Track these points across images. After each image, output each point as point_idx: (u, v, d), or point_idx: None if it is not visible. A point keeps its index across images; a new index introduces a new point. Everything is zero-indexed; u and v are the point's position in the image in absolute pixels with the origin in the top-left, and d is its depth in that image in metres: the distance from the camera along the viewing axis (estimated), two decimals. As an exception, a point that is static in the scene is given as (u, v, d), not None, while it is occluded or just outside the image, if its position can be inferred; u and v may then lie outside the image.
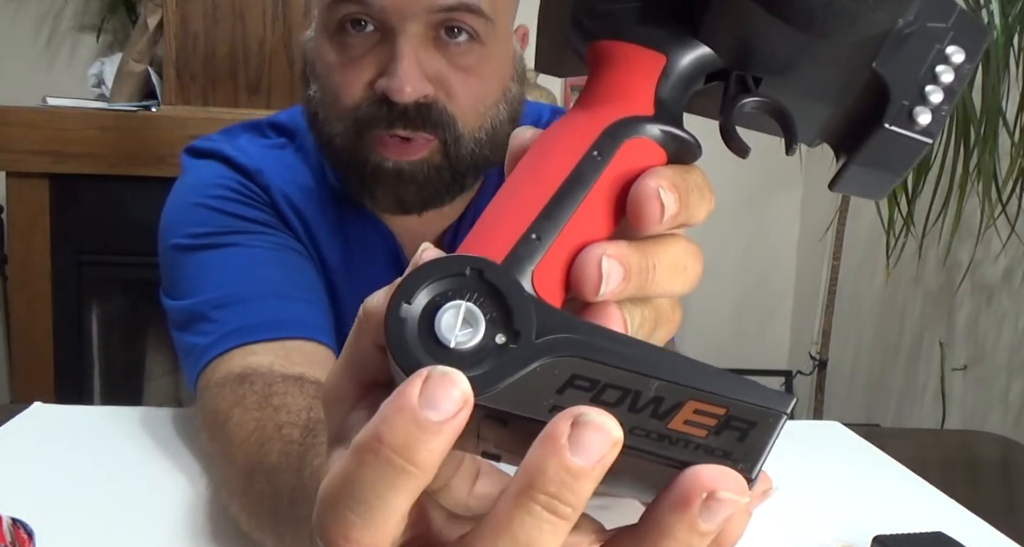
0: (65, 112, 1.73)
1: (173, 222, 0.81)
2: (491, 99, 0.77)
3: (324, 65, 0.76)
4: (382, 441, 0.22)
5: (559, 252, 0.26)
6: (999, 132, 1.66)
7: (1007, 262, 1.87)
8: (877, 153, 0.30)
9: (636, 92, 0.28)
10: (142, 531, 0.63)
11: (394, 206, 0.78)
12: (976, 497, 0.76)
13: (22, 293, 1.75)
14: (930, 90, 0.30)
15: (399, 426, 0.22)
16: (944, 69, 0.30)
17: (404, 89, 0.70)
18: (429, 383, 0.22)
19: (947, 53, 0.30)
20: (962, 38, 0.30)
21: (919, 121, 0.30)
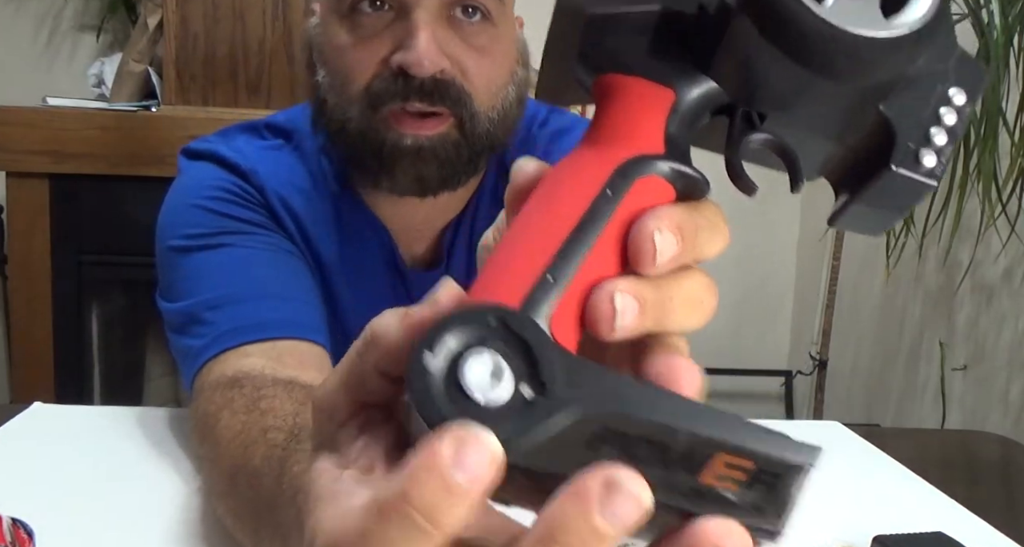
0: (65, 112, 1.73)
1: (168, 224, 0.81)
2: (502, 80, 0.77)
3: (335, 48, 0.75)
4: (409, 502, 0.22)
5: (575, 294, 0.25)
6: (999, 132, 1.66)
7: (1007, 262, 1.87)
8: (882, 193, 0.30)
9: (646, 129, 0.28)
10: (142, 531, 0.63)
11: (413, 185, 0.77)
12: (976, 497, 0.76)
13: (22, 293, 1.75)
14: (934, 132, 0.30)
15: (428, 487, 0.22)
16: (947, 111, 0.30)
17: (423, 62, 0.70)
18: (459, 443, 0.22)
19: (949, 95, 0.30)
20: (962, 79, 0.30)
21: (924, 163, 0.29)
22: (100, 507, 0.65)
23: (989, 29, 1.65)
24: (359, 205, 0.84)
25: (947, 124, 0.30)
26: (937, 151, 0.30)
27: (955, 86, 0.30)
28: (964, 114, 0.30)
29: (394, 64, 0.72)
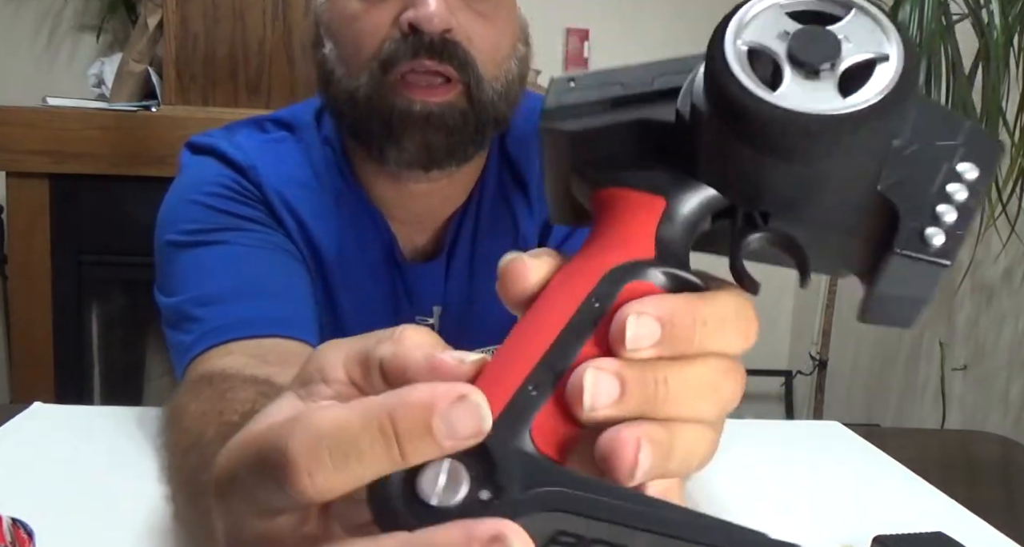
0: (65, 112, 1.73)
1: (167, 218, 0.82)
2: (505, 50, 0.78)
3: (344, 17, 0.76)
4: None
5: (560, 401, 0.26)
6: (999, 132, 1.66)
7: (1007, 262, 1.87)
8: (894, 280, 0.29)
9: (636, 236, 0.28)
10: (142, 531, 0.63)
11: (421, 154, 0.76)
12: (976, 497, 0.76)
13: (22, 293, 1.75)
14: (943, 210, 0.29)
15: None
16: (957, 187, 0.29)
17: (432, 18, 0.71)
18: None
19: (959, 170, 0.29)
20: (974, 153, 0.29)
21: (932, 243, 0.28)
22: (100, 507, 0.65)
23: (989, 29, 1.65)
24: (360, 197, 0.84)
25: (957, 201, 0.29)
26: (947, 229, 0.28)
27: (965, 161, 0.29)
28: (978, 190, 0.29)
29: (404, 22, 0.72)
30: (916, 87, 0.28)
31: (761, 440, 0.87)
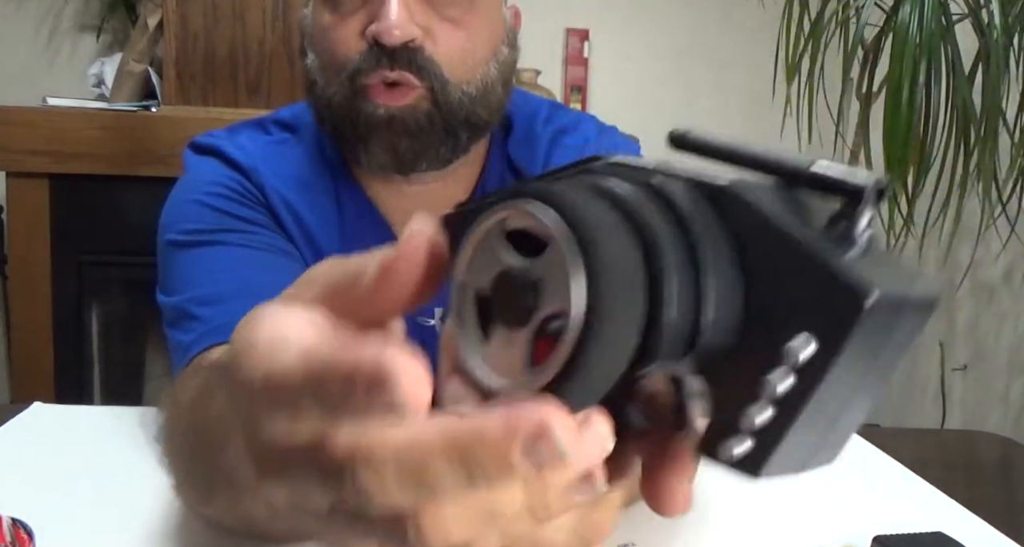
0: (65, 112, 1.73)
1: (169, 218, 0.83)
2: (479, 54, 0.78)
3: (320, 29, 0.77)
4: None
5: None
6: (999, 132, 1.66)
7: (1007, 262, 1.87)
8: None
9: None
10: (142, 531, 0.63)
11: (389, 158, 0.78)
12: (976, 497, 0.76)
13: (22, 293, 1.75)
14: (752, 410, 0.23)
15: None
16: (779, 374, 0.23)
17: (392, 30, 0.72)
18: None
19: (788, 349, 0.22)
20: (816, 317, 0.22)
21: (733, 453, 0.24)
22: (100, 507, 0.65)
23: (989, 29, 1.65)
24: (361, 198, 0.84)
25: (776, 393, 0.23)
26: (756, 434, 0.23)
27: (801, 331, 0.22)
28: (819, 363, 0.22)
29: (369, 35, 0.74)
30: (608, 338, 0.22)
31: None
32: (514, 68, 0.83)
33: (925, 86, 1.67)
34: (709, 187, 0.24)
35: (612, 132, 0.91)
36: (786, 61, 1.85)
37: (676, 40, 2.37)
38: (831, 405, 0.23)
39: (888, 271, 0.22)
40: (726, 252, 0.24)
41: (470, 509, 0.23)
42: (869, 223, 0.23)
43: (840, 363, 0.22)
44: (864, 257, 0.23)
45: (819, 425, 0.24)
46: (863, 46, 1.81)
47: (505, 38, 0.81)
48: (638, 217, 0.23)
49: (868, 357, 0.23)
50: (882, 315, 0.22)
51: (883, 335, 0.22)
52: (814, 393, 0.22)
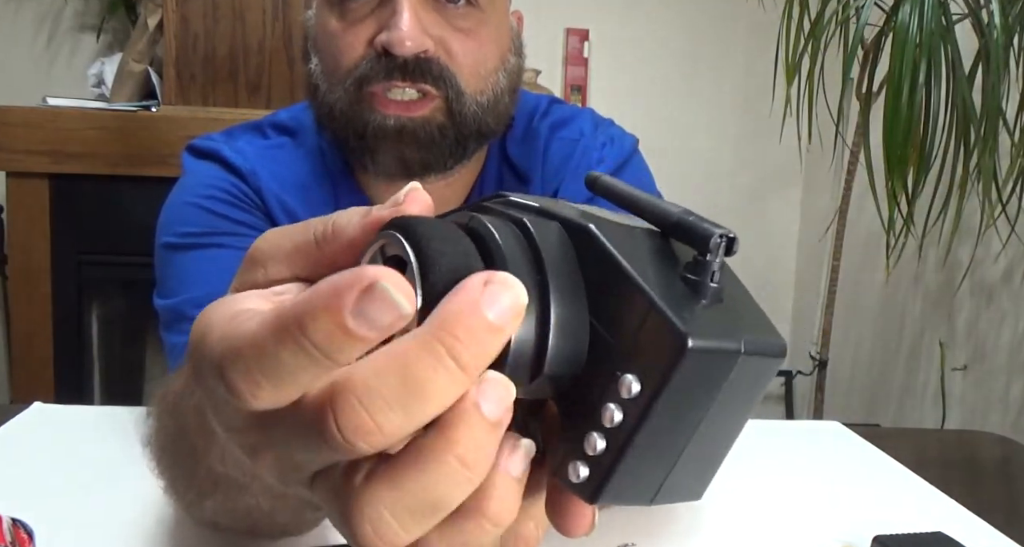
0: (65, 112, 1.73)
1: (166, 221, 0.83)
2: (491, 64, 0.77)
3: (326, 34, 0.76)
4: (303, 332, 0.22)
5: None
6: (999, 132, 1.66)
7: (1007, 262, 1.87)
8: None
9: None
10: (142, 531, 0.63)
11: (396, 166, 0.77)
12: (976, 497, 0.76)
13: (22, 293, 1.75)
14: (594, 438, 0.24)
15: (322, 324, 0.22)
16: (613, 409, 0.24)
17: (404, 41, 0.71)
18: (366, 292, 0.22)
19: (620, 385, 0.24)
20: (641, 364, 0.24)
21: (578, 476, 0.25)
22: (100, 507, 0.65)
23: (989, 29, 1.65)
24: (360, 200, 0.84)
25: (610, 424, 0.24)
26: (593, 462, 0.24)
27: (628, 373, 0.24)
28: (643, 407, 0.23)
29: (378, 45, 0.73)
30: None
31: (761, 440, 0.87)
32: (520, 76, 0.82)
33: (925, 86, 1.67)
34: (576, 227, 0.26)
35: (607, 125, 0.91)
36: (786, 61, 1.85)
37: (676, 40, 2.37)
38: (665, 442, 0.24)
39: (727, 322, 0.24)
40: (577, 288, 0.25)
41: (412, 502, 0.23)
42: (716, 274, 0.25)
43: (661, 404, 0.23)
44: (709, 307, 0.24)
45: (655, 459, 0.25)
46: (863, 46, 1.81)
47: (512, 46, 0.81)
48: (490, 246, 0.25)
49: (699, 399, 0.24)
50: (705, 362, 0.23)
51: (713, 381, 0.24)
52: (639, 430, 0.24)
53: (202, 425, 0.34)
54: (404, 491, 0.23)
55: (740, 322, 0.24)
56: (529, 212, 0.27)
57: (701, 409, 0.24)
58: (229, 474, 0.38)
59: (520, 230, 0.26)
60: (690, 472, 0.26)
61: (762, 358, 0.24)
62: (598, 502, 0.25)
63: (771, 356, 0.24)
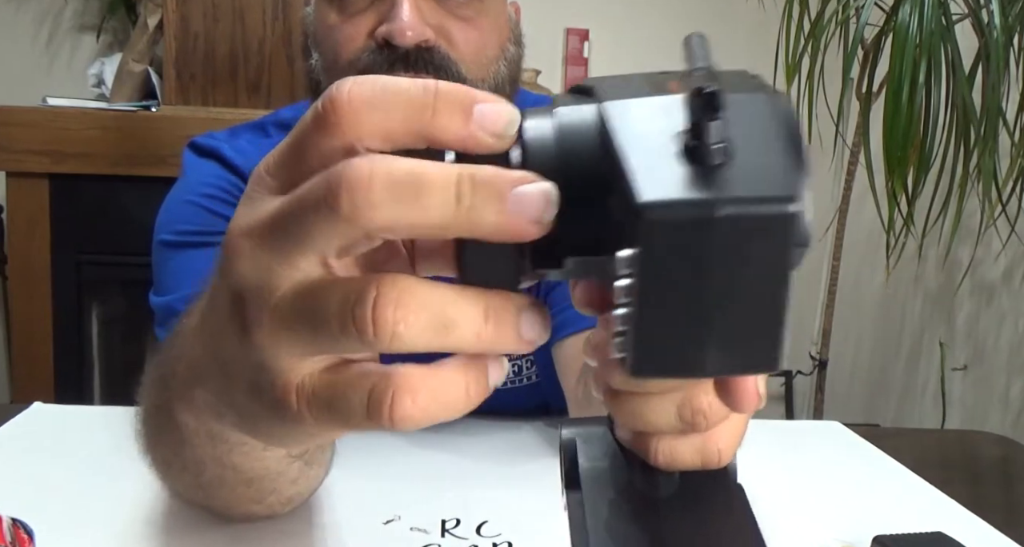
0: (65, 112, 1.73)
1: (164, 218, 0.83)
2: (491, 53, 0.77)
3: (325, 28, 0.76)
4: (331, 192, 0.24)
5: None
6: (999, 132, 1.66)
7: (1007, 262, 1.87)
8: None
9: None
10: (142, 531, 0.63)
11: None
12: (976, 497, 0.76)
13: (22, 293, 1.75)
14: (614, 316, 0.25)
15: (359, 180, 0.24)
16: (617, 286, 0.24)
17: (405, 31, 0.71)
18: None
19: (617, 260, 0.24)
20: (626, 241, 0.24)
21: (612, 354, 0.26)
22: (100, 507, 0.65)
23: (989, 29, 1.65)
24: None
25: (618, 301, 0.24)
26: (616, 334, 0.25)
27: (623, 248, 0.24)
28: (634, 287, 0.24)
29: (379, 36, 0.73)
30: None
31: (761, 440, 0.87)
32: (520, 66, 0.82)
33: (925, 86, 1.67)
34: (598, 107, 0.26)
35: None
36: (786, 61, 1.85)
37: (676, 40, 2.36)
38: (680, 311, 0.24)
39: (715, 183, 0.23)
40: (592, 172, 0.26)
41: (429, 309, 0.24)
42: (708, 134, 0.23)
43: (649, 274, 0.23)
44: (701, 170, 0.23)
45: (680, 330, 0.24)
46: (863, 46, 1.81)
47: (511, 35, 0.81)
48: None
49: (698, 263, 0.23)
50: (679, 226, 0.23)
51: (702, 243, 0.23)
52: (641, 302, 0.24)
53: (189, 363, 0.35)
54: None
55: (732, 181, 0.23)
56: (583, 98, 0.27)
57: (703, 275, 0.23)
58: (199, 426, 0.39)
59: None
60: (737, 340, 0.25)
61: (753, 212, 0.23)
62: (641, 377, 0.25)
63: (767, 206, 0.23)
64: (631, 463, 0.33)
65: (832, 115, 1.84)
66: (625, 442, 0.33)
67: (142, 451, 0.57)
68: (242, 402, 0.30)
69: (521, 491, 0.71)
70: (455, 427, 0.83)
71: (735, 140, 0.24)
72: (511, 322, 0.25)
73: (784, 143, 0.24)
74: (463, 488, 0.71)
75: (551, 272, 0.27)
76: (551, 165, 0.26)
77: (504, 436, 0.83)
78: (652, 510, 0.32)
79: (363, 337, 0.24)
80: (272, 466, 0.50)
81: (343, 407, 0.26)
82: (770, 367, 0.26)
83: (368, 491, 0.69)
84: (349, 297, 0.25)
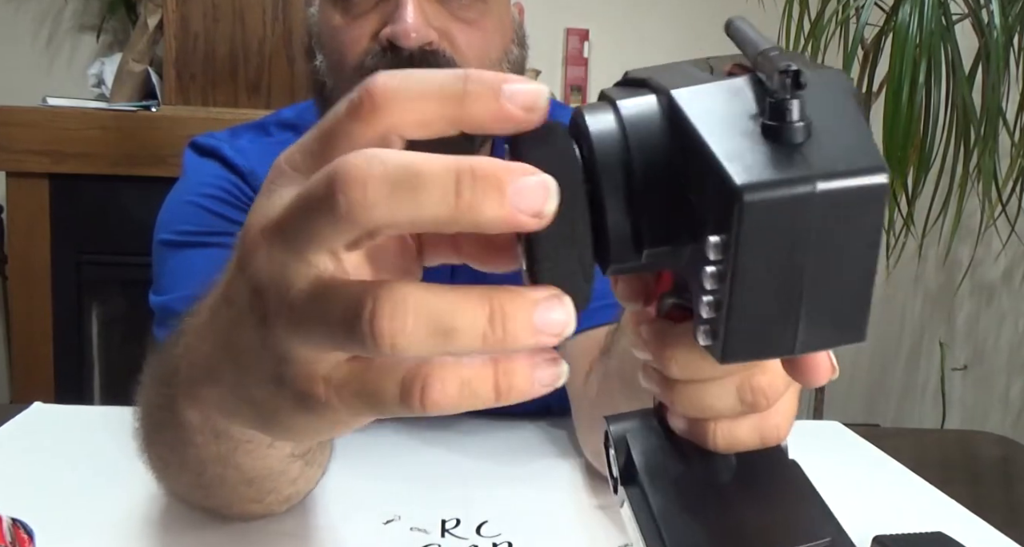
0: (65, 112, 1.73)
1: (165, 218, 0.83)
2: (495, 55, 0.77)
3: (330, 30, 0.76)
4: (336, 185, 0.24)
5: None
6: (999, 132, 1.66)
7: (1007, 262, 1.87)
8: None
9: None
10: (142, 531, 0.63)
11: None
12: (976, 497, 0.76)
13: (22, 293, 1.75)
14: (701, 303, 0.25)
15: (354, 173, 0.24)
16: (709, 271, 0.24)
17: (409, 33, 0.71)
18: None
19: (707, 246, 0.24)
20: (716, 226, 0.24)
21: (700, 342, 0.26)
22: (100, 507, 0.65)
23: (989, 29, 1.65)
24: None
25: (709, 289, 0.25)
26: (708, 322, 0.25)
27: (712, 235, 0.24)
28: (729, 260, 0.24)
29: (383, 38, 0.73)
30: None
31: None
32: (524, 67, 0.82)
33: (925, 86, 1.67)
34: (667, 97, 0.26)
35: None
36: (786, 61, 1.85)
37: (676, 40, 2.37)
38: (772, 292, 0.24)
39: (803, 161, 0.23)
40: (664, 162, 0.26)
41: (426, 316, 0.24)
42: (790, 113, 0.24)
43: (745, 258, 0.23)
44: (786, 150, 0.23)
45: (771, 311, 0.24)
46: (863, 46, 1.81)
47: (515, 37, 0.81)
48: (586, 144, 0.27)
49: (791, 244, 0.23)
50: (774, 207, 0.23)
51: (796, 223, 0.23)
52: (735, 287, 0.24)
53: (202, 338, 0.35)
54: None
55: (821, 157, 0.23)
56: (636, 89, 0.27)
57: (799, 253, 0.23)
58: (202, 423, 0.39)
59: (621, 121, 0.27)
60: (827, 315, 0.25)
61: (850, 186, 0.23)
62: (732, 361, 0.25)
63: (861, 178, 0.23)
64: (687, 452, 0.33)
65: (832, 115, 1.84)
66: (679, 431, 0.33)
67: (139, 449, 0.57)
68: (261, 396, 0.30)
69: (521, 491, 0.71)
70: (455, 427, 0.83)
71: (813, 117, 0.24)
72: (522, 320, 0.25)
73: (853, 116, 0.25)
74: (463, 488, 0.71)
75: (629, 264, 0.27)
76: (619, 158, 0.26)
77: (504, 436, 0.83)
78: (719, 496, 0.32)
79: (365, 347, 0.24)
80: (274, 465, 0.50)
81: (376, 393, 0.26)
82: (858, 338, 0.26)
83: (368, 491, 0.69)
84: (349, 307, 0.25)
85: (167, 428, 0.46)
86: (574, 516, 0.67)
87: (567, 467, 0.76)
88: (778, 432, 0.32)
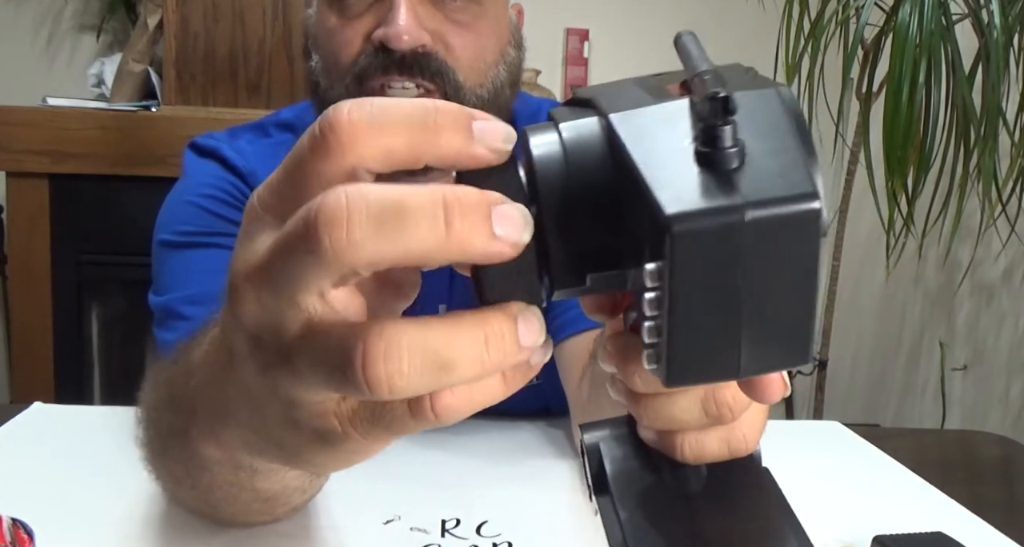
0: (65, 112, 1.73)
1: (164, 218, 0.83)
2: (490, 57, 0.77)
3: (325, 31, 0.76)
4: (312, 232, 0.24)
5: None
6: (999, 132, 1.66)
7: (1007, 262, 1.87)
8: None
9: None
10: (142, 531, 0.63)
11: None
12: (976, 497, 0.76)
13: (22, 293, 1.75)
14: (644, 328, 0.25)
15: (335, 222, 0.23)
16: (646, 299, 0.24)
17: (401, 36, 0.71)
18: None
19: (645, 273, 0.24)
20: (653, 253, 0.24)
21: (645, 365, 0.26)
22: (100, 507, 0.65)
23: (989, 29, 1.65)
24: None
25: (647, 315, 0.25)
26: (650, 346, 0.25)
27: (649, 261, 0.24)
28: (665, 287, 0.23)
29: (375, 39, 0.73)
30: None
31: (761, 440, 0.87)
32: (521, 69, 0.82)
33: (925, 86, 1.67)
34: (607, 122, 0.26)
35: None
36: (786, 61, 1.85)
37: (676, 40, 2.37)
38: (712, 317, 0.24)
39: (734, 188, 0.23)
40: (604, 186, 0.26)
41: (421, 354, 0.24)
42: (721, 139, 0.23)
43: (680, 284, 0.23)
44: (718, 176, 0.23)
45: (712, 336, 0.24)
46: (863, 46, 1.81)
47: (511, 39, 0.81)
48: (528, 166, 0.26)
49: (726, 269, 0.23)
50: (705, 234, 0.23)
51: (728, 249, 0.23)
52: (673, 313, 0.24)
53: (206, 367, 0.35)
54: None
55: (753, 184, 0.23)
56: (582, 110, 0.27)
57: (734, 279, 0.23)
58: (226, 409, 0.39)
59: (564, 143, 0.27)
60: (769, 339, 0.25)
61: (779, 213, 0.23)
62: (676, 385, 0.25)
63: (791, 206, 0.23)
64: (657, 462, 0.33)
65: (832, 115, 1.84)
66: (649, 441, 0.33)
67: (147, 465, 0.57)
68: (282, 436, 0.29)
69: (521, 491, 0.71)
70: (455, 427, 0.83)
71: (747, 140, 0.24)
72: (511, 336, 0.25)
73: (793, 136, 0.24)
74: (463, 488, 0.71)
75: (573, 290, 0.27)
76: (561, 182, 0.26)
77: (504, 436, 0.83)
78: (686, 506, 0.32)
79: (362, 394, 0.24)
80: (291, 483, 0.50)
81: (388, 416, 0.26)
82: (802, 361, 0.25)
83: (368, 491, 0.69)
84: (342, 352, 0.24)
85: (179, 454, 0.45)
86: (574, 516, 0.67)
87: (566, 467, 0.76)
88: (746, 443, 0.32)
